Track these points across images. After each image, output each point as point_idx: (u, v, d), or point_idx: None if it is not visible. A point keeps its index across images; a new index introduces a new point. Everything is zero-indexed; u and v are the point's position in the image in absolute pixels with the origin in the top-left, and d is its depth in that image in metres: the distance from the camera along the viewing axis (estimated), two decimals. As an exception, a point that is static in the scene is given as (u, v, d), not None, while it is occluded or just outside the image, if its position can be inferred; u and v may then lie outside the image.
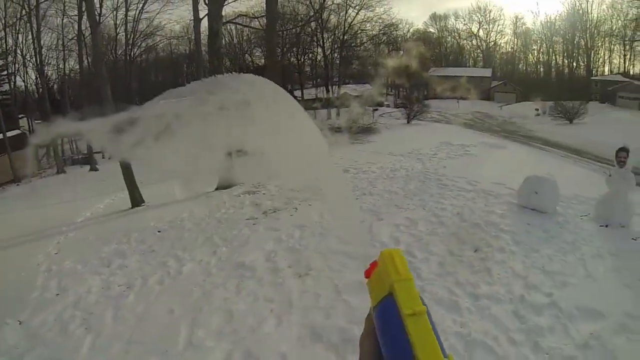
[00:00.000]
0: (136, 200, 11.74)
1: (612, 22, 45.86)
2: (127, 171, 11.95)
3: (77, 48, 27.60)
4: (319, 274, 6.06)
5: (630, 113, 32.19)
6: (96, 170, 23.33)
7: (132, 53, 33.28)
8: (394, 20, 49.09)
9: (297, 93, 40.58)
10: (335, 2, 39.13)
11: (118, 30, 32.91)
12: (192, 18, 19.24)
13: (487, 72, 54.33)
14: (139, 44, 35.44)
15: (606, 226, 7.15)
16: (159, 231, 8.71)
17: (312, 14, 36.35)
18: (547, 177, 8.20)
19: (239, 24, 30.07)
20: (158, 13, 37.90)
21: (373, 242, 6.99)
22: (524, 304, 4.93)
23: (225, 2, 15.99)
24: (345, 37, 40.47)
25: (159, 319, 5.34)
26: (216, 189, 12.40)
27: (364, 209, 8.86)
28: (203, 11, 16.27)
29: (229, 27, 43.10)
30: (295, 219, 8.64)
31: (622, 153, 7.22)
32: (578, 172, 12.87)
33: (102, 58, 13.82)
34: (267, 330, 4.82)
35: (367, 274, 0.80)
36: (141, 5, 31.41)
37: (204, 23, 14.28)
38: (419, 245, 6.79)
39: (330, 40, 40.56)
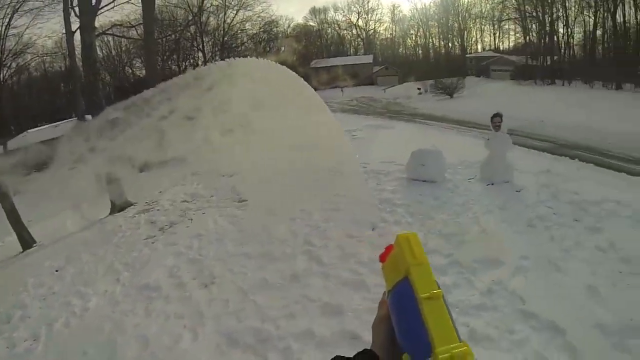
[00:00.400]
0: (26, 241, 10.70)
1: (481, 5, 50.09)
2: (11, 212, 10.85)
3: None
4: (223, 280, 6.12)
5: (503, 83, 35.62)
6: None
7: (1, 75, 29.31)
8: (273, 18, 49.07)
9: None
10: (213, 4, 38.00)
11: None
12: (65, 31, 17.48)
13: (369, 59, 56.40)
14: (8, 64, 31.27)
15: (492, 184, 7.90)
16: (56, 270, 8.04)
17: (190, 17, 34.98)
18: (432, 149, 8.77)
19: (114, 34, 28.07)
20: (27, 28, 33.76)
21: (270, 240, 7.15)
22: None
23: (98, 12, 14.82)
24: (226, 38, 39.66)
25: (74, 363, 5.05)
26: (110, 213, 11.75)
27: (257, 208, 8.98)
28: (75, 23, 14.91)
29: (105, 39, 39.89)
30: (191, 229, 8.54)
31: (497, 118, 7.96)
32: (461, 140, 13.79)
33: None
34: (184, 346, 4.80)
35: (382, 258, 0.80)
36: (7, 20, 27.60)
37: (78, 36, 13.13)
38: (317, 234, 7.01)
39: (210, 43, 39.48)
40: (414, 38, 59.35)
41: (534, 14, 37.01)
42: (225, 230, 8.11)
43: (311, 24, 58.31)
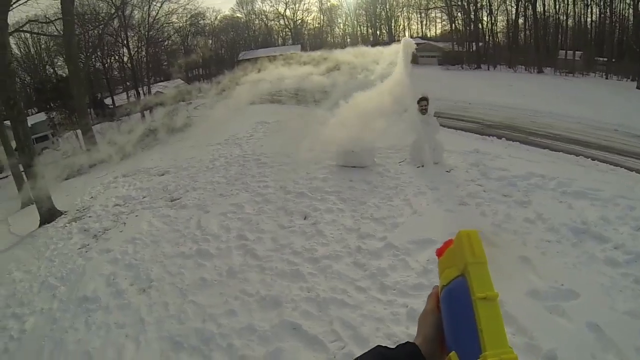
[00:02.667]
0: (-50, 265, 9.73)
1: None
2: None
3: None
4: (161, 282, 5.96)
5: (431, 68, 36.22)
6: None
7: None
8: (200, 10, 46.83)
9: (108, 100, 36.59)
10: (137, -4, 35.47)
11: None
12: None
13: (297, 48, 55.38)
14: None
15: (422, 166, 7.88)
16: (-14, 293, 7.44)
17: (113, 11, 32.48)
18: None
19: (30, 32, 25.47)
20: None
21: (205, 236, 7.03)
22: (362, 253, 5.32)
23: (10, 8, 13.35)
24: (151, 32, 37.43)
25: (18, 390, 4.67)
26: (39, 225, 10.91)
27: (189, 206, 8.71)
28: None
29: (23, 36, 36.07)
30: (125, 234, 8.16)
31: (423, 102, 7.91)
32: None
33: None
34: (129, 356, 4.65)
35: (439, 253, 0.77)
36: None
37: None
38: (250, 227, 6.93)
39: (135, 38, 37.10)
40: (342, 27, 59.45)
41: (459, 2, 38.23)
42: (160, 231, 7.83)
43: (238, 15, 56.59)
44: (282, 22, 58.29)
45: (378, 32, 54.33)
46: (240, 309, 4.92)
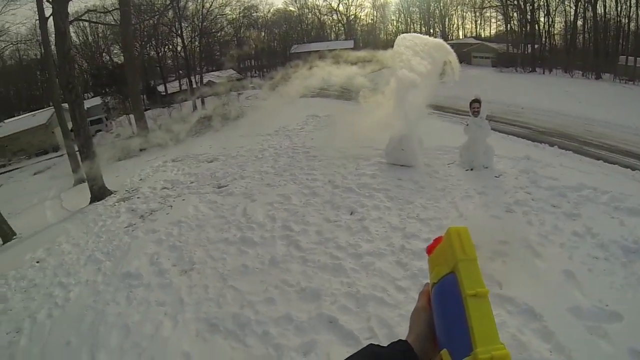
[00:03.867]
0: (6, 234, 10.44)
1: None
2: (-11, 205, 10.61)
3: None
4: (203, 266, 6.11)
5: (485, 70, 35.31)
6: (-47, 209, 19.98)
7: None
8: (253, 2, 47.95)
9: (161, 88, 38.24)
10: (191, -12, 36.83)
11: None
12: (38, 18, 16.73)
13: (350, 44, 55.42)
14: None
15: (471, 169, 7.84)
16: (37, 262, 7.92)
17: (168, 2, 33.89)
18: (411, 133, 8.55)
19: (89, 20, 27.09)
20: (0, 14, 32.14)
21: (249, 224, 7.15)
22: (406, 253, 5.29)
23: None
24: (205, 23, 38.67)
25: (57, 354, 5.02)
26: (90, 202, 11.55)
27: (236, 194, 8.91)
28: (49, 9, 14.25)
29: (82, 25, 38.48)
30: (171, 216, 8.46)
31: (475, 104, 7.86)
32: (441, 125, 13.64)
33: None
34: (166, 334, 4.80)
35: (429, 250, 0.78)
36: None
37: (52, 22, 12.58)
38: (295, 219, 7.00)
39: (189, 28, 38.45)
40: (395, 24, 58.84)
41: (516, 2, 36.88)
42: (205, 216, 8.06)
43: (291, 9, 57.31)
44: (335, 17, 58.44)
45: (431, 31, 53.24)
46: (279, 298, 4.97)
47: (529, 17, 35.33)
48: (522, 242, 5.12)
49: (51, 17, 12.84)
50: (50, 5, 12.49)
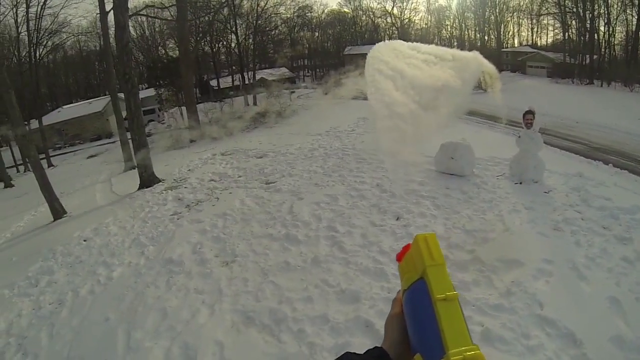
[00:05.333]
0: (57, 212, 11.08)
1: None
2: (44, 183, 11.24)
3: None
4: (245, 259, 6.21)
5: (539, 80, 34.19)
6: (11, 186, 21.43)
7: (37, 54, 29.85)
8: (307, 2, 48.73)
9: (214, 82, 39.46)
10: (247, -14, 37.91)
11: (20, 29, 29.24)
12: (99, 12, 17.87)
13: (404, 48, 55.02)
14: (45, 42, 31.91)
15: (520, 183, 7.63)
16: (84, 240, 8.38)
17: (224, 0, 35.06)
18: (462, 142, 8.55)
19: (147, 15, 28.52)
20: (62, 8, 34.44)
21: (295, 222, 7.20)
22: (448, 263, 5.16)
23: None
24: (259, 22, 39.60)
25: (96, 329, 5.27)
26: (138, 188, 12.08)
27: (283, 191, 9.02)
28: (109, 4, 15.21)
29: (139, 19, 40.61)
30: (217, 208, 8.68)
31: (529, 115, 7.64)
32: (492, 136, 13.44)
33: (2, 63, 12.55)
34: (201, 321, 4.92)
35: (399, 258, 0.80)
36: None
37: (112, 16, 13.37)
38: (341, 220, 7.01)
39: (243, 26, 39.49)
40: (449, 29, 57.90)
41: (574, 9, 35.22)
42: (251, 210, 8.21)
43: (345, 10, 57.65)
44: (388, 19, 58.21)
45: (486, 37, 51.91)
46: (318, 298, 4.98)
47: (587, 25, 33.48)
48: (567, 263, 4.90)
49: (111, 11, 13.58)
50: (111, 0, 13.19)
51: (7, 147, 30.69)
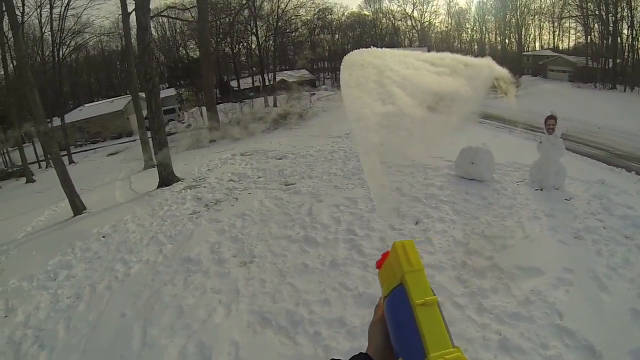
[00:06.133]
0: (77, 208, 11.27)
1: (541, 0, 47.57)
2: (65, 180, 11.45)
3: (-1, 51, 25.28)
4: (263, 260, 6.21)
5: (561, 84, 33.56)
6: (33, 181, 21.93)
7: (60, 53, 30.69)
8: (328, 4, 48.84)
9: (234, 83, 39.82)
10: (268, -12, 38.24)
11: (44, 29, 30.18)
12: (121, 13, 18.26)
13: (424, 51, 54.66)
14: (68, 42, 32.76)
15: (541, 189, 7.53)
16: (103, 237, 8.51)
17: (244, 1, 35.41)
18: (482, 147, 8.49)
19: (168, 16, 28.91)
20: (85, 9, 35.35)
21: (314, 224, 7.18)
22: (467, 269, 5.18)
23: None
24: (279, 23, 39.84)
25: (112, 324, 5.33)
26: (157, 187, 12.21)
27: (303, 192, 9.02)
28: (131, 5, 15.50)
29: (161, 20, 41.22)
30: (236, 208, 8.71)
31: (551, 120, 7.56)
32: (513, 141, 13.26)
33: (26, 62, 12.85)
34: (218, 320, 4.93)
35: (379, 265, 0.82)
36: (67, 0, 28.98)
37: (134, 17, 13.63)
38: (360, 223, 6.97)
39: (264, 27, 39.78)
40: (469, 32, 57.41)
41: (597, 12, 34.39)
42: (270, 211, 8.22)
43: (366, 12, 57.60)
44: (409, 22, 57.99)
45: (507, 41, 51.20)
46: (336, 301, 4.95)
47: (610, 29, 32.53)
48: (588, 273, 4.78)
49: (133, 12, 13.81)
50: (133, 1, 13.43)
51: (29, 144, 31.60)
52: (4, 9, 14.61)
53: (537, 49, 49.74)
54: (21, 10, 24.49)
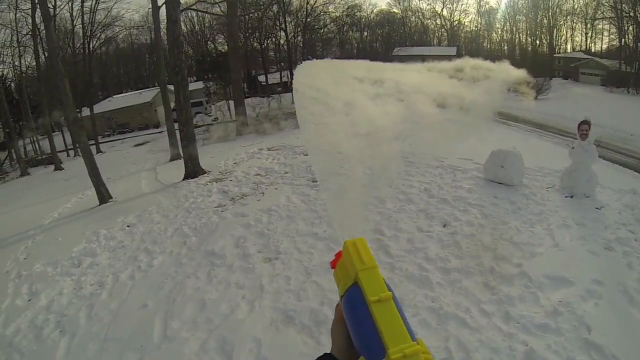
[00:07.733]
0: (103, 196, 11.43)
1: (574, 1, 46.33)
2: (92, 168, 11.63)
3: (32, 43, 26.07)
4: (288, 257, 6.10)
5: (593, 88, 32.69)
6: (61, 169, 22.52)
7: (90, 46, 31.57)
8: (357, 1, 48.67)
9: (261, 78, 40.08)
10: (297, -16, 38.36)
11: (75, 22, 31.10)
12: (151, 6, 18.55)
13: (452, 51, 53.94)
14: (98, 35, 33.63)
15: (571, 197, 7.29)
16: (127, 226, 8.56)
17: (273, -3, 35.58)
18: (513, 150, 8.28)
19: (198, 10, 29.22)
20: (116, 2, 36.19)
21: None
22: (494, 275, 5.01)
23: None
24: (308, 19, 39.86)
25: (133, 314, 5.30)
26: (183, 178, 12.29)
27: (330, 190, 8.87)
28: None
29: (190, 14, 41.81)
30: (262, 203, 8.62)
31: (584, 126, 7.31)
32: (543, 145, 12.97)
33: (57, 53, 13.14)
34: (240, 316, 4.84)
35: (333, 265, 0.81)
36: None
37: (163, 11, 13.78)
38: (388, 223, 6.82)
39: (292, 23, 39.87)
40: (499, 32, 56.35)
41: (631, 14, 33.12)
42: (297, 208, 8.11)
43: (395, 10, 57.16)
44: (438, 21, 57.26)
45: (537, 42, 49.95)
46: None
47: None
48: (618, 286, 4.55)
49: (164, 5, 13.92)
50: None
51: (59, 132, 32.50)
52: (36, 1, 14.95)
53: (569, 51, 48.55)
54: (53, 4, 25.22)
